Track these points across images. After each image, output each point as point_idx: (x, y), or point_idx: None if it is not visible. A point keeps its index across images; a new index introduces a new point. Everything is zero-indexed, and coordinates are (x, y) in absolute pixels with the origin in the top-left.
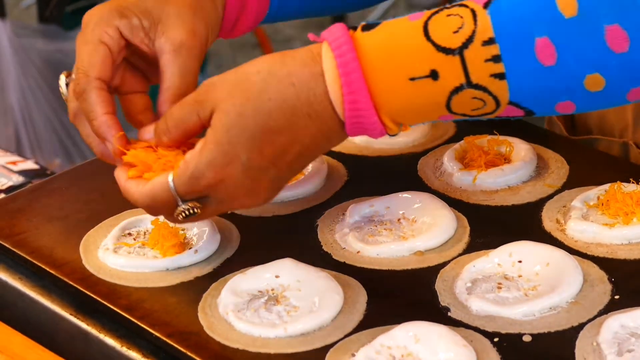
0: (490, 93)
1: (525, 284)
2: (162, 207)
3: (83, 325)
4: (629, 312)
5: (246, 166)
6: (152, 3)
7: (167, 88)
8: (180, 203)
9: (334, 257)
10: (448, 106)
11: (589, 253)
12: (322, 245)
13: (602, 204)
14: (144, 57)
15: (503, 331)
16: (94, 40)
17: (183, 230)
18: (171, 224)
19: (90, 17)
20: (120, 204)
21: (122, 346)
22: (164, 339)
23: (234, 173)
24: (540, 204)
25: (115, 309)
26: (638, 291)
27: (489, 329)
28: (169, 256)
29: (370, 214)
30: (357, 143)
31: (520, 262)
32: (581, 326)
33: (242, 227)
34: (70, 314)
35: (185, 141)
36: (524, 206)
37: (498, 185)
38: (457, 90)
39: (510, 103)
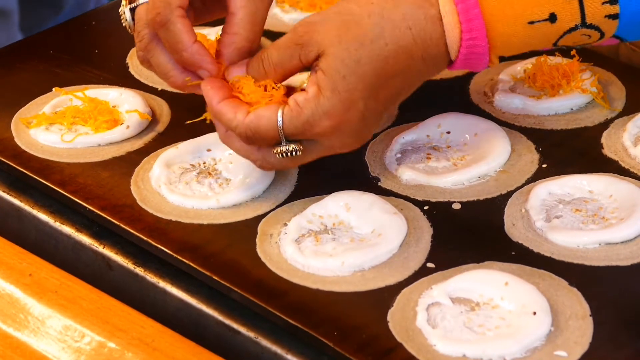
0: (599, 30)
1: (454, 154)
2: (261, 140)
3: (16, 201)
4: (557, 180)
5: (363, 113)
6: None
7: (235, 33)
8: (284, 142)
9: None
10: (556, 43)
11: (516, 124)
12: None
13: (529, 77)
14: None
15: (433, 199)
16: None
17: (114, 106)
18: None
19: None
20: (51, 82)
21: (55, 221)
22: (98, 212)
23: (351, 121)
24: (467, 78)
25: (48, 184)
26: (565, 160)
27: (419, 198)
28: (100, 132)
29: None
30: (286, 21)
31: (448, 133)
32: (509, 194)
33: (173, 104)
34: (3, 191)
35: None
36: (451, 80)
37: None
38: (570, 30)
39: (613, 36)
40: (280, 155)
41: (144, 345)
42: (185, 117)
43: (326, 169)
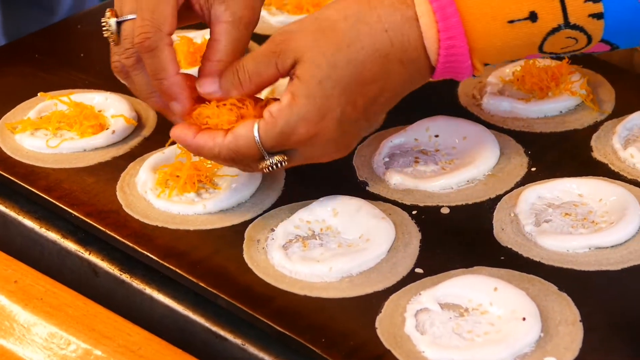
0: (585, 32)
1: (442, 158)
2: (246, 159)
3: (1, 207)
4: (546, 184)
5: (340, 120)
6: None
7: (217, 59)
8: (266, 157)
9: None
10: (541, 46)
11: (505, 127)
12: None
13: (518, 79)
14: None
15: (421, 204)
16: None
17: (100, 110)
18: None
19: None
20: (36, 87)
21: (40, 227)
22: (83, 218)
23: (327, 128)
24: (455, 80)
25: (33, 190)
26: (554, 163)
27: (407, 202)
28: (86, 137)
29: None
30: (273, 24)
31: (437, 136)
32: (499, 198)
33: None
34: None
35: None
36: (439, 83)
37: None
38: (554, 31)
39: (602, 41)
40: (266, 170)
41: (130, 353)
42: (171, 122)
43: (314, 174)
